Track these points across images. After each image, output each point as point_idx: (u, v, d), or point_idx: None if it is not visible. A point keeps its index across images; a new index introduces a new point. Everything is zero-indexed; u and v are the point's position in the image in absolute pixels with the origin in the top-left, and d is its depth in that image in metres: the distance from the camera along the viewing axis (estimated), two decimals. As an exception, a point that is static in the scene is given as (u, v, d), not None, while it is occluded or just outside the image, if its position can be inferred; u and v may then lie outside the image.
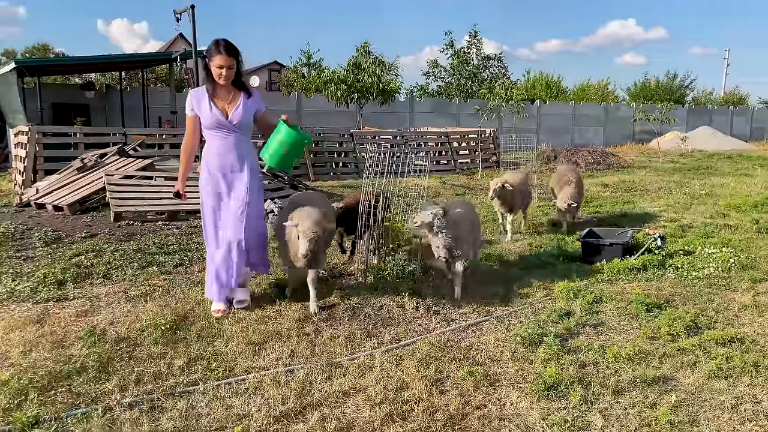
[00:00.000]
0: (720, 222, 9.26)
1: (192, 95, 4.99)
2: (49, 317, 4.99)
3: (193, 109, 4.95)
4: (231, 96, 4.98)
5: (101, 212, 8.89)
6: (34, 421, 3.45)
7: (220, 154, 4.96)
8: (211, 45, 4.87)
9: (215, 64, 4.81)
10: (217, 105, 4.91)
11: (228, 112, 4.93)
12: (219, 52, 4.80)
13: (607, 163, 17.92)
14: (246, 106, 4.99)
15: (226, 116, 4.92)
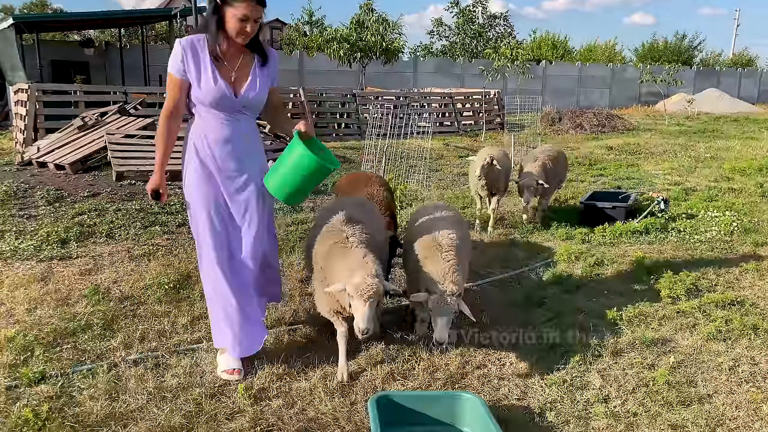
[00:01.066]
0: (724, 185, 9.22)
1: (184, 48, 3.32)
2: (53, 275, 5.03)
3: (185, 72, 3.32)
4: (240, 60, 3.42)
5: (103, 171, 8.87)
6: (40, 376, 3.51)
7: (219, 143, 3.44)
8: None
9: (237, 12, 3.24)
10: (221, 73, 3.35)
11: (237, 85, 3.40)
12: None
13: (612, 125, 17.73)
14: (262, 77, 3.47)
15: (234, 92, 3.39)
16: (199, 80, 3.34)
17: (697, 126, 18.64)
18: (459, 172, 10.41)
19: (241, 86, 3.41)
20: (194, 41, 3.37)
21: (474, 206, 7.22)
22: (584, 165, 11.19)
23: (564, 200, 8.33)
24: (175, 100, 3.38)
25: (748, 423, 3.20)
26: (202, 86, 3.33)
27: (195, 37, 3.39)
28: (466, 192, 8.81)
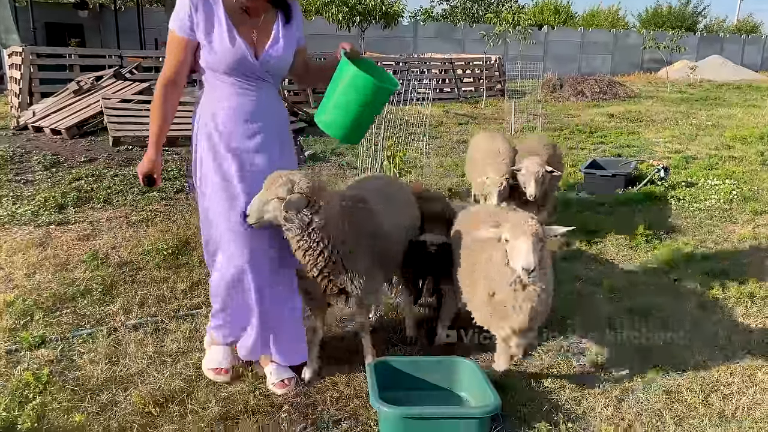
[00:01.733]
0: (725, 154, 9.18)
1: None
2: (51, 241, 5.02)
3: (192, 29, 2.73)
4: (262, 17, 2.85)
5: (99, 136, 8.80)
6: (40, 341, 3.53)
7: (234, 118, 2.86)
8: None
9: None
10: (239, 31, 2.77)
11: (258, 45, 2.83)
12: None
13: (614, 92, 17.56)
14: (287, 36, 2.90)
15: (255, 54, 2.81)
16: (211, 40, 2.72)
17: (699, 93, 18.47)
18: (458, 140, 10.34)
19: (262, 46, 2.82)
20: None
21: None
22: (585, 133, 11.11)
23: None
24: (177, 64, 2.77)
25: (743, 389, 3.23)
26: (216, 47, 2.72)
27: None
28: (465, 159, 8.76)
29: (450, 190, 6.98)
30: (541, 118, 11.62)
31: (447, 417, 2.85)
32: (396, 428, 2.81)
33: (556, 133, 11.06)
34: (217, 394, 3.12)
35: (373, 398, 2.84)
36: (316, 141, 9.48)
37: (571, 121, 12.47)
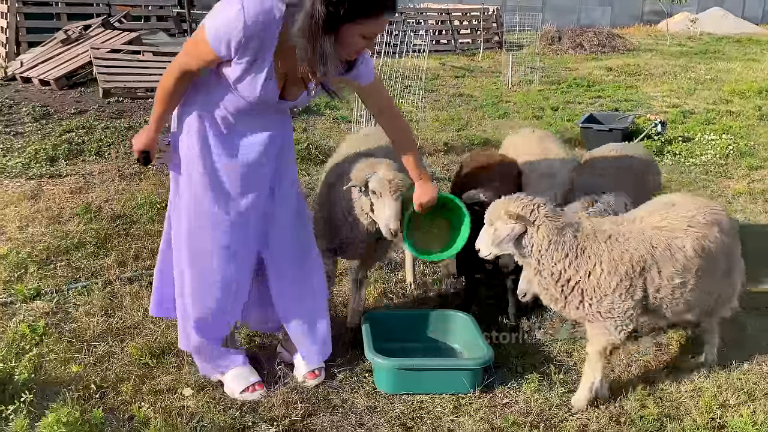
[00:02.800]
0: (722, 108, 9.10)
1: (249, 28, 2.25)
2: (43, 193, 4.98)
3: (230, 56, 2.34)
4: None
5: (89, 87, 8.63)
6: (35, 293, 3.54)
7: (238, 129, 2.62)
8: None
9: (366, 30, 2.30)
10: (275, 74, 2.43)
11: (288, 89, 2.54)
12: (387, 9, 2.30)
13: (613, 45, 17.27)
14: (318, 90, 2.61)
15: (281, 95, 2.53)
16: (244, 75, 2.39)
17: (699, 47, 18.20)
18: (455, 93, 10.21)
19: (291, 92, 2.54)
20: (269, 23, 2.27)
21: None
22: (582, 86, 10.98)
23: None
24: (197, 68, 2.44)
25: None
26: (244, 84, 2.41)
27: (272, 16, 2.26)
28: (461, 113, 8.68)
29: (446, 144, 6.93)
30: (538, 71, 11.46)
31: (439, 368, 2.90)
32: (389, 379, 2.86)
33: (554, 86, 10.92)
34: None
35: (368, 350, 2.88)
36: (311, 93, 9.34)
37: (569, 75, 12.30)
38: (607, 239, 2.64)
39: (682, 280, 2.64)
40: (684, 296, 2.69)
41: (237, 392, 2.81)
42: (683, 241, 2.66)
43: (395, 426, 2.65)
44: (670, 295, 2.67)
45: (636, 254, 2.62)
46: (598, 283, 2.61)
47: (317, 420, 2.68)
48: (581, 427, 2.66)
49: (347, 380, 2.95)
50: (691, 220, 2.72)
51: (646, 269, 2.63)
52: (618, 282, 2.60)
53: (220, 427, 2.54)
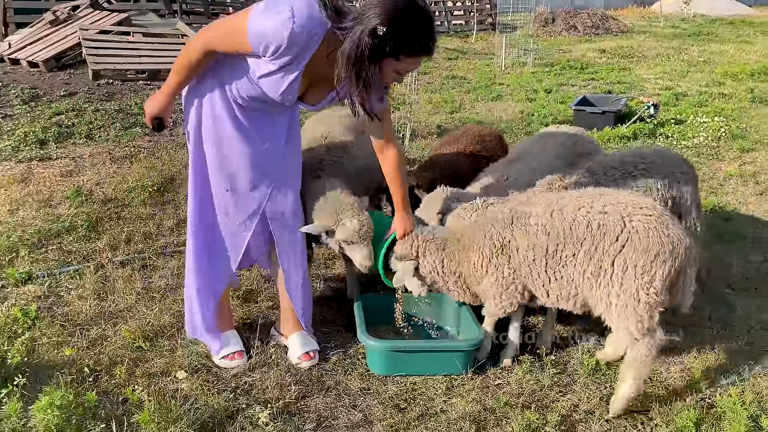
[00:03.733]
0: (715, 90, 9.11)
1: (297, 36, 2.27)
2: (33, 176, 4.94)
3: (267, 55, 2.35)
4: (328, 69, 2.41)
5: (78, 69, 8.52)
6: (26, 277, 3.52)
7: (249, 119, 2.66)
8: (412, 33, 2.29)
9: (404, 67, 2.40)
10: (302, 78, 2.46)
11: (308, 93, 2.61)
12: (426, 52, 2.37)
13: (606, 27, 17.20)
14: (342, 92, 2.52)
15: (301, 97, 2.61)
16: (272, 74, 2.42)
17: (692, 29, 18.15)
18: (448, 75, 10.16)
19: (310, 95, 2.61)
20: (315, 33, 2.31)
21: None
22: (576, 69, 10.95)
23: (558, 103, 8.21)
24: (226, 51, 2.45)
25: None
26: (269, 81, 2.44)
27: (319, 27, 2.30)
28: (454, 95, 8.64)
29: (439, 127, 6.91)
30: (532, 53, 11.41)
31: (431, 350, 2.91)
32: (382, 361, 2.88)
33: (547, 69, 10.89)
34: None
35: (360, 332, 2.89)
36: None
37: (563, 57, 12.26)
38: (482, 224, 2.83)
39: (533, 257, 2.68)
40: (541, 277, 2.69)
41: (218, 357, 2.93)
42: (536, 219, 2.69)
43: (388, 407, 2.68)
44: (529, 273, 2.72)
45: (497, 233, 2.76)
46: (474, 267, 2.82)
47: (311, 402, 2.70)
48: (572, 407, 2.69)
49: (340, 362, 2.97)
50: (565, 202, 2.67)
51: (507, 246, 2.74)
52: (487, 262, 2.78)
53: (213, 409, 2.56)
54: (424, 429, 2.55)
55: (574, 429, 2.58)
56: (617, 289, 2.53)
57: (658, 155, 3.36)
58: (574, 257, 2.59)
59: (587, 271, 2.58)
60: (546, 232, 2.64)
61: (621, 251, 2.51)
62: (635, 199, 2.65)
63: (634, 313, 2.51)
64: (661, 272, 2.48)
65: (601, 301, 2.59)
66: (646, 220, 2.52)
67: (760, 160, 5.91)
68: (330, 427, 2.57)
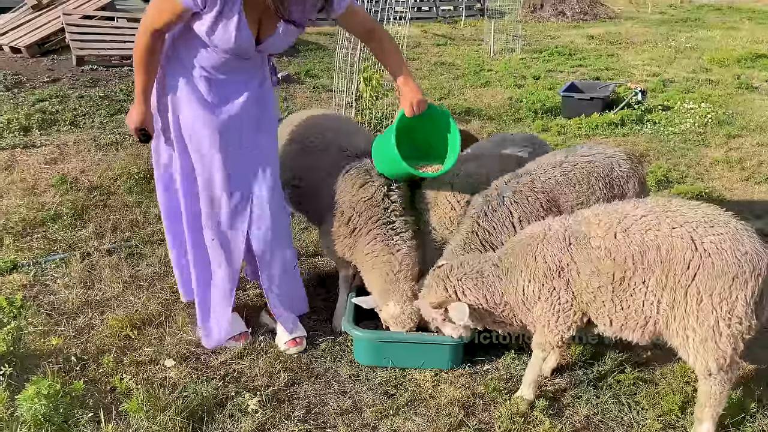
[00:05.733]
0: (702, 77, 9.14)
1: None
2: (17, 164, 4.87)
3: (199, 3, 2.36)
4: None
5: (62, 55, 8.40)
6: (12, 265, 3.48)
7: (217, 82, 2.66)
8: None
9: None
10: (248, 15, 2.45)
11: (262, 31, 2.56)
12: None
13: (595, 13, 17.20)
14: (289, 29, 2.56)
15: (256, 40, 2.56)
16: (215, 25, 2.42)
17: (680, 15, 18.19)
18: (437, 61, 10.12)
19: (266, 32, 2.55)
20: None
21: None
22: (564, 55, 10.94)
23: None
24: (168, 24, 2.45)
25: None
26: (217, 34, 2.45)
27: None
28: (443, 81, 8.62)
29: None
30: (520, 39, 11.38)
31: (417, 342, 2.85)
32: (366, 352, 2.87)
33: (536, 55, 10.87)
34: (194, 316, 3.14)
35: (346, 322, 2.88)
36: (290, 62, 9.20)
37: (551, 43, 12.25)
38: (527, 244, 2.49)
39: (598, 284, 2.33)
40: (606, 305, 2.36)
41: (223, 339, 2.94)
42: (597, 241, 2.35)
43: (377, 393, 2.69)
44: (592, 300, 2.38)
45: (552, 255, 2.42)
46: (525, 295, 2.49)
47: (300, 389, 2.70)
48: (560, 391, 2.72)
49: (330, 350, 2.97)
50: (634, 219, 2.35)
51: (565, 270, 2.41)
52: (540, 287, 2.45)
53: (202, 397, 2.55)
54: (413, 415, 2.56)
55: (562, 413, 2.60)
56: (693, 322, 2.22)
57: (594, 150, 3.08)
58: (644, 285, 2.28)
59: (662, 302, 2.26)
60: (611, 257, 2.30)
61: (693, 279, 2.19)
62: (706, 213, 2.30)
63: (716, 348, 2.22)
64: (743, 296, 2.16)
65: (677, 334, 2.28)
66: (719, 239, 2.19)
67: (746, 146, 5.96)
68: (319, 414, 2.57)
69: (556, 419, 2.54)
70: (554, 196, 2.90)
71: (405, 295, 2.87)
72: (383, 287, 2.90)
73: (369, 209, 2.95)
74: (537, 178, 2.92)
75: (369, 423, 2.52)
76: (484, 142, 3.58)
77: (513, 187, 2.89)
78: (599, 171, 2.95)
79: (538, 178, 2.92)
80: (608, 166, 2.98)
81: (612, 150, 3.10)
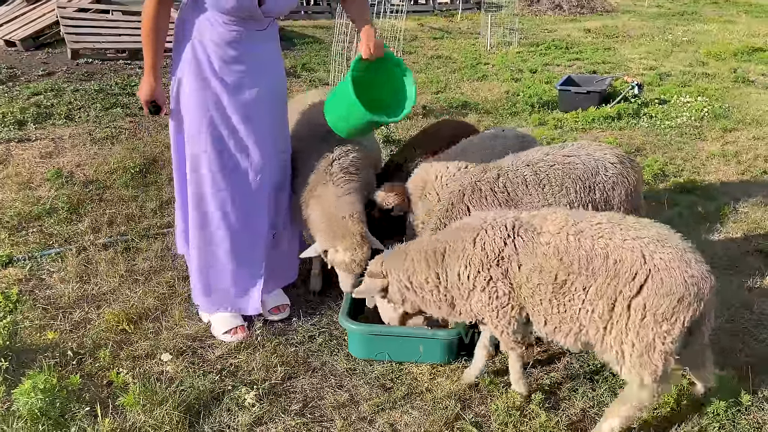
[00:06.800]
0: (698, 70, 9.14)
1: None
2: (12, 158, 4.85)
3: None
4: None
5: (57, 48, 8.35)
6: (7, 260, 3.48)
7: (221, 50, 2.68)
8: None
9: None
10: None
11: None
12: None
13: (592, 6, 17.17)
14: None
15: (259, 1, 2.61)
16: None
17: (677, 8, 18.17)
18: (433, 55, 10.09)
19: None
20: None
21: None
22: (561, 48, 10.92)
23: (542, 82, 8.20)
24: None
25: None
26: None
27: None
28: (440, 75, 8.60)
29: (424, 107, 6.87)
30: (517, 33, 11.35)
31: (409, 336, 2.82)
32: (360, 344, 2.87)
33: (532, 48, 10.85)
34: (190, 310, 3.14)
35: (341, 316, 2.88)
36: (286, 55, 9.16)
37: (548, 37, 12.22)
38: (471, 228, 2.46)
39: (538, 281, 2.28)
40: (543, 303, 2.30)
41: (220, 333, 2.97)
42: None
43: (374, 387, 2.69)
44: (530, 296, 2.32)
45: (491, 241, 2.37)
46: (460, 280, 2.42)
47: (297, 383, 2.70)
48: (556, 384, 2.73)
49: (326, 344, 2.97)
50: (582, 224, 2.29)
51: (505, 260, 2.34)
52: (476, 274, 2.38)
53: (199, 391, 2.55)
54: (410, 408, 2.57)
55: (558, 406, 2.61)
56: (633, 336, 2.18)
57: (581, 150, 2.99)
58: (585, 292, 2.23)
59: (596, 312, 2.22)
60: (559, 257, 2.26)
61: (639, 293, 2.16)
62: (659, 232, 2.30)
63: (650, 362, 2.19)
64: (683, 318, 2.14)
65: (611, 348, 2.25)
66: (669, 257, 2.17)
67: (742, 139, 5.96)
68: (316, 408, 2.58)
69: (552, 412, 2.55)
70: (517, 196, 2.83)
71: (354, 239, 2.79)
72: (328, 228, 2.83)
73: (322, 173, 2.99)
74: (504, 175, 2.87)
75: (366, 416, 2.52)
76: (474, 138, 3.55)
77: (473, 182, 2.85)
78: (579, 173, 2.86)
79: (505, 175, 2.87)
80: (592, 169, 2.88)
81: (603, 152, 2.97)
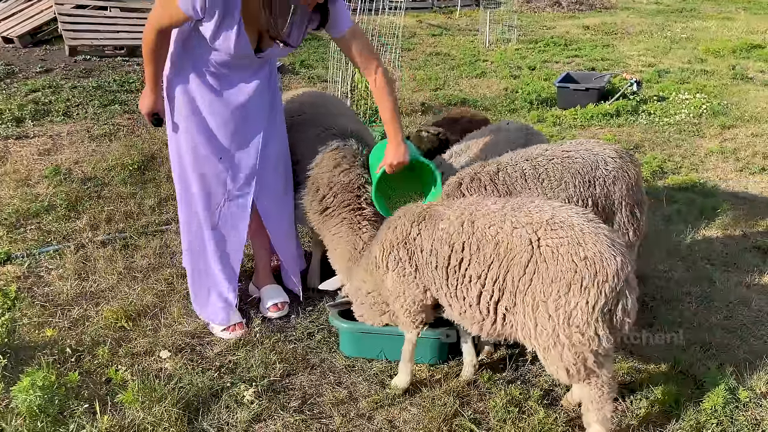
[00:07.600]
0: (697, 67, 9.14)
1: None
2: (10, 155, 4.84)
3: (197, 12, 2.47)
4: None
5: (55, 45, 8.33)
6: (5, 257, 3.47)
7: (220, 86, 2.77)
8: None
9: None
10: (247, 27, 2.57)
11: (263, 41, 2.67)
12: None
13: (591, 3, 17.15)
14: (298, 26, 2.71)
15: (258, 48, 2.68)
16: (216, 35, 2.54)
17: (676, 5, 18.16)
18: (432, 52, 10.08)
19: (266, 44, 2.66)
20: None
21: None
22: (559, 45, 10.91)
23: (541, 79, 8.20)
24: (173, 24, 2.58)
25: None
26: (219, 40, 2.56)
27: None
28: (439, 72, 8.59)
29: (423, 104, 6.87)
30: (516, 29, 11.34)
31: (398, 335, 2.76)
32: (350, 343, 2.86)
33: (531, 45, 10.84)
34: (189, 307, 3.14)
35: (332, 315, 2.88)
36: (285, 52, 9.14)
37: (546, 33, 12.21)
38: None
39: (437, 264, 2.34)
40: (442, 288, 2.36)
41: (218, 330, 2.97)
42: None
43: (373, 384, 2.69)
44: (431, 280, 2.39)
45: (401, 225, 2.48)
46: (376, 264, 2.55)
47: (296, 380, 2.71)
48: (555, 382, 2.73)
49: (325, 341, 2.97)
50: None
51: (410, 243, 2.42)
52: (387, 254, 2.50)
53: (198, 388, 2.55)
54: (409, 405, 2.57)
55: (556, 402, 2.61)
56: (532, 329, 2.11)
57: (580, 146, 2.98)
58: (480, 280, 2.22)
59: (500, 303, 2.21)
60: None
61: (531, 283, 2.09)
62: (555, 215, 2.16)
63: (559, 359, 2.10)
64: (583, 303, 2.00)
65: (525, 341, 2.19)
66: (557, 243, 2.06)
67: (740, 136, 5.97)
68: (315, 404, 2.58)
69: (551, 409, 2.56)
70: (515, 189, 2.84)
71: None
72: (346, 266, 2.95)
73: (344, 193, 2.98)
74: (503, 169, 2.87)
75: (364, 413, 2.53)
76: (476, 133, 3.56)
77: (473, 174, 2.86)
78: (578, 168, 2.87)
79: (504, 169, 2.87)
80: (592, 164, 2.90)
81: (603, 147, 2.99)
